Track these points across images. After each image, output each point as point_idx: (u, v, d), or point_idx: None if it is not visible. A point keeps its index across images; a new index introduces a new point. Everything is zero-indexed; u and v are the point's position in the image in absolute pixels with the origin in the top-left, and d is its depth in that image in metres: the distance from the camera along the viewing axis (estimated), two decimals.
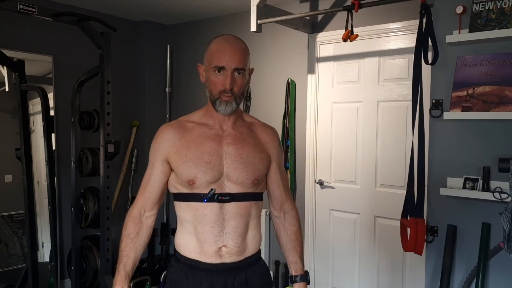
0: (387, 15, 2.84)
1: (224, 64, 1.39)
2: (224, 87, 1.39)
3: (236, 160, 1.44)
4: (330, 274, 3.24)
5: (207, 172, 1.41)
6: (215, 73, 1.40)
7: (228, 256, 1.44)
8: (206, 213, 1.41)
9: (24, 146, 3.10)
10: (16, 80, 3.10)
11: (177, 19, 3.91)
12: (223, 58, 1.39)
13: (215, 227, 1.42)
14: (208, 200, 1.40)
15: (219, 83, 1.40)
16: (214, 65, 1.40)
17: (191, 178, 1.40)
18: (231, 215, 1.43)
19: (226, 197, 1.42)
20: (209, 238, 1.42)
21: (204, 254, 1.43)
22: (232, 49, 1.41)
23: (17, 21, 3.11)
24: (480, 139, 2.19)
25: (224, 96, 1.41)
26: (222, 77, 1.40)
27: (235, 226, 1.43)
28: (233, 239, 1.43)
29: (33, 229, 3.17)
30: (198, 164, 1.41)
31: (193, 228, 1.44)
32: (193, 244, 1.45)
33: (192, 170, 1.41)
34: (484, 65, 2.15)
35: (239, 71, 1.41)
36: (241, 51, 1.43)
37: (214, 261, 1.43)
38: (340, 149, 3.16)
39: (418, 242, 2.15)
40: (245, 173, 1.44)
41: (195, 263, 1.45)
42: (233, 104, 1.42)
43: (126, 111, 3.93)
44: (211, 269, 1.44)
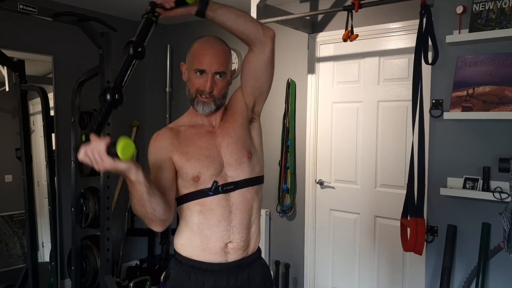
0: (387, 15, 2.84)
1: (205, 67, 1.41)
2: (204, 89, 1.42)
3: (229, 144, 1.47)
4: (330, 274, 3.24)
5: (210, 166, 1.43)
6: (196, 74, 1.43)
7: (233, 253, 1.45)
8: (213, 207, 1.42)
9: (24, 146, 3.10)
10: (16, 80, 3.10)
11: (177, 19, 3.91)
12: (204, 61, 1.41)
13: (222, 221, 1.43)
14: (213, 192, 1.41)
15: (197, 84, 1.43)
16: (195, 68, 1.42)
17: (195, 174, 1.41)
18: (237, 207, 1.44)
19: (230, 186, 1.43)
20: (216, 233, 1.43)
21: (209, 252, 1.44)
22: (213, 52, 1.43)
23: (17, 21, 3.11)
24: (480, 139, 2.19)
25: (201, 98, 1.43)
26: (202, 79, 1.42)
27: (241, 218, 1.45)
28: (240, 232, 1.45)
29: (33, 229, 3.17)
30: (200, 160, 1.43)
31: (199, 226, 1.44)
32: (197, 242, 1.44)
33: (196, 166, 1.42)
34: (484, 65, 2.15)
35: (220, 74, 1.43)
36: (223, 54, 1.44)
37: (219, 260, 1.44)
38: (340, 149, 3.16)
39: (418, 242, 2.15)
40: (239, 150, 1.46)
41: (197, 263, 1.45)
42: (211, 105, 1.44)
43: (126, 111, 3.93)
44: (214, 269, 1.44)
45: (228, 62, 1.46)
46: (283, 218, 3.43)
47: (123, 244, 3.84)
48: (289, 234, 3.40)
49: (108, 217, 2.86)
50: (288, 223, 3.40)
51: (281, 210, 3.37)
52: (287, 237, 3.41)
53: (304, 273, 3.32)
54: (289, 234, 3.40)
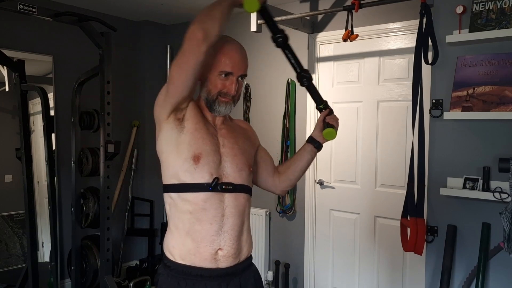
0: (387, 15, 2.84)
1: (232, 70, 1.41)
2: (229, 91, 1.42)
3: (233, 148, 1.47)
4: (330, 274, 3.24)
5: (210, 154, 1.41)
6: (220, 76, 1.42)
7: (224, 260, 1.41)
8: (206, 206, 1.38)
9: (24, 146, 3.10)
10: (16, 80, 3.10)
11: (177, 19, 3.92)
12: (232, 64, 1.41)
13: (214, 224, 1.39)
14: (212, 189, 1.38)
15: (221, 86, 1.42)
16: (221, 70, 1.41)
17: (198, 152, 1.38)
18: (230, 210, 1.42)
19: (229, 187, 1.42)
20: (207, 237, 1.38)
21: (199, 257, 1.39)
22: (240, 56, 1.44)
23: (17, 21, 3.11)
24: (480, 139, 2.19)
25: (222, 98, 1.43)
26: (227, 82, 1.42)
27: (233, 224, 1.42)
28: (231, 239, 1.41)
29: (33, 229, 3.17)
30: (205, 143, 1.41)
31: (189, 227, 1.39)
32: (187, 245, 1.40)
33: (200, 145, 1.40)
34: (484, 65, 2.15)
35: (242, 76, 1.46)
36: (246, 58, 1.47)
37: (209, 265, 1.40)
38: (340, 149, 3.16)
39: (418, 242, 2.15)
40: (244, 159, 1.48)
41: (187, 268, 1.40)
42: (231, 105, 1.46)
43: (126, 111, 3.93)
44: (204, 275, 1.40)
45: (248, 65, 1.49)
46: (283, 218, 3.43)
47: (123, 244, 3.84)
48: (289, 234, 3.40)
49: (108, 217, 2.86)
50: (288, 223, 3.41)
51: (281, 210, 3.37)
52: (287, 237, 3.41)
53: (304, 273, 3.32)
54: (289, 234, 3.40)
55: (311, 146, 1.63)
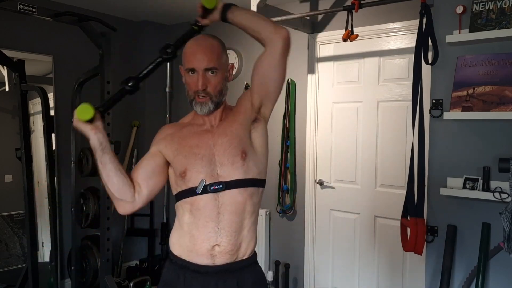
0: (387, 15, 2.84)
1: (194, 65, 1.42)
2: (197, 88, 1.42)
3: (223, 143, 1.45)
4: (330, 274, 3.24)
5: (197, 163, 1.43)
6: (189, 74, 1.44)
7: (220, 256, 1.42)
8: (200, 206, 1.42)
9: (24, 146, 3.10)
10: (16, 80, 3.10)
11: (177, 19, 3.92)
12: (193, 59, 1.42)
13: (209, 221, 1.41)
14: (202, 191, 1.41)
15: (192, 84, 1.43)
16: (186, 67, 1.44)
17: (182, 170, 1.43)
18: (225, 208, 1.42)
19: (219, 186, 1.42)
20: (203, 234, 1.42)
21: (196, 253, 1.43)
22: (201, 50, 1.42)
23: (17, 21, 3.11)
24: (480, 139, 2.19)
25: (198, 98, 1.43)
26: (195, 78, 1.42)
27: (230, 220, 1.42)
28: (227, 235, 1.42)
29: (33, 229, 3.16)
30: (187, 156, 1.45)
31: (188, 225, 1.44)
32: (186, 241, 1.45)
33: (183, 162, 1.44)
34: (484, 65, 2.15)
35: (212, 70, 1.42)
36: (210, 49, 1.43)
37: (205, 262, 1.42)
38: (340, 149, 3.16)
39: (418, 242, 2.15)
40: (232, 149, 1.44)
41: (186, 263, 1.45)
42: (208, 104, 1.43)
43: (126, 111, 3.93)
44: (201, 271, 1.43)
45: (218, 57, 1.44)
46: (283, 218, 3.43)
47: (123, 244, 3.84)
48: (289, 234, 3.40)
49: (108, 217, 2.86)
50: (288, 223, 3.40)
51: (281, 210, 3.37)
52: (287, 237, 3.41)
53: (304, 273, 3.32)
54: (289, 234, 3.40)
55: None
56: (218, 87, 1.44)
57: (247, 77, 3.43)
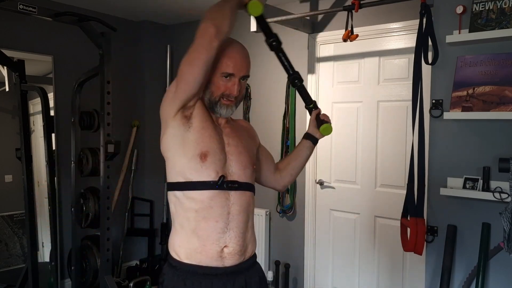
0: (387, 15, 2.84)
1: (234, 71, 1.42)
2: (231, 93, 1.42)
3: (238, 146, 1.49)
4: (330, 274, 3.24)
5: (216, 152, 1.41)
6: (222, 78, 1.42)
7: (230, 258, 1.42)
8: (212, 204, 1.38)
9: (24, 146, 3.10)
10: (16, 80, 3.10)
11: (177, 19, 3.91)
12: (234, 65, 1.41)
13: (219, 221, 1.39)
14: (219, 187, 1.38)
15: (223, 87, 1.43)
16: (223, 71, 1.41)
17: (204, 150, 1.38)
18: (235, 208, 1.42)
19: (235, 185, 1.42)
20: (212, 235, 1.39)
21: (205, 255, 1.39)
22: (241, 57, 1.44)
23: (17, 21, 3.11)
24: (480, 139, 2.19)
25: (225, 100, 1.44)
26: (229, 83, 1.42)
27: (238, 221, 1.43)
28: (236, 236, 1.42)
29: (33, 229, 3.16)
30: (211, 141, 1.42)
31: (195, 225, 1.39)
32: (193, 244, 1.40)
33: (207, 143, 1.40)
34: (484, 65, 2.15)
35: (245, 77, 1.46)
36: (248, 59, 1.47)
37: (215, 264, 1.40)
38: (340, 149, 3.16)
39: (418, 242, 2.15)
40: (248, 158, 1.50)
41: (193, 267, 1.40)
42: (233, 108, 1.47)
43: (126, 111, 3.93)
44: (210, 273, 1.40)
45: (250, 66, 1.49)
46: (283, 218, 3.43)
47: (123, 244, 3.84)
48: (289, 234, 3.40)
49: (108, 217, 2.86)
50: (288, 223, 3.40)
51: (281, 210, 3.37)
52: (287, 237, 3.41)
53: (304, 273, 3.32)
54: (289, 234, 3.40)
55: (309, 142, 1.74)
56: (242, 93, 1.49)
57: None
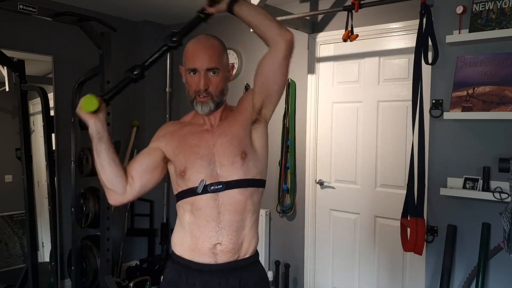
0: (387, 15, 2.84)
1: (196, 65, 1.42)
2: (199, 87, 1.42)
3: (223, 143, 1.46)
4: (330, 274, 3.24)
5: (196, 162, 1.44)
6: (190, 74, 1.44)
7: (222, 255, 1.43)
8: (200, 206, 1.43)
9: (24, 146, 3.10)
10: (16, 80, 3.10)
11: (177, 19, 3.92)
12: (195, 59, 1.42)
13: (210, 221, 1.42)
14: (202, 191, 1.42)
15: (194, 84, 1.44)
16: (187, 67, 1.44)
17: (182, 169, 1.45)
18: (226, 208, 1.43)
19: (219, 186, 1.42)
20: (204, 233, 1.42)
21: (198, 252, 1.44)
22: (203, 50, 1.43)
23: (17, 21, 3.10)
24: (480, 139, 2.19)
25: (199, 97, 1.44)
26: (196, 78, 1.43)
27: (230, 220, 1.43)
28: (228, 234, 1.43)
29: (33, 229, 3.16)
30: (187, 156, 1.46)
31: (189, 225, 1.45)
32: (187, 241, 1.46)
33: (182, 161, 1.46)
34: (484, 65, 2.15)
35: (213, 70, 1.43)
36: (213, 50, 1.44)
37: (208, 260, 1.43)
38: (340, 149, 3.16)
39: (418, 242, 2.15)
40: (232, 149, 1.45)
41: (188, 263, 1.46)
42: (210, 104, 1.44)
43: (126, 111, 3.93)
44: (204, 270, 1.44)
45: (220, 57, 1.44)
46: (283, 218, 3.43)
47: (123, 244, 3.84)
48: (289, 234, 3.40)
49: (108, 217, 2.86)
50: (288, 223, 3.40)
51: (281, 210, 3.37)
52: (287, 237, 3.41)
53: (304, 273, 3.32)
54: (289, 234, 3.40)
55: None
56: (219, 87, 1.44)
57: (247, 77, 3.43)
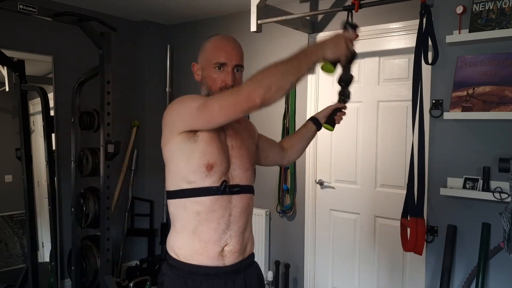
0: (387, 15, 2.84)
1: (226, 60, 1.41)
2: (226, 83, 1.40)
3: (241, 148, 1.47)
4: (330, 274, 3.24)
5: (224, 161, 1.40)
6: (215, 69, 1.42)
7: (230, 256, 1.43)
8: (215, 208, 1.39)
9: (24, 146, 3.10)
10: (16, 80, 3.10)
11: (177, 19, 3.91)
12: (225, 54, 1.41)
13: (221, 223, 1.40)
14: (222, 192, 1.39)
15: (219, 80, 1.42)
16: (215, 62, 1.41)
17: (212, 161, 1.36)
18: (237, 210, 1.43)
19: (236, 188, 1.43)
20: (214, 236, 1.39)
21: (206, 256, 1.40)
22: (232, 46, 1.44)
23: (17, 21, 3.11)
24: (480, 139, 2.19)
25: None
26: (223, 74, 1.41)
27: (239, 221, 1.44)
28: (237, 236, 1.43)
29: (33, 229, 3.16)
30: (219, 151, 1.39)
31: (196, 227, 1.39)
32: (195, 245, 1.40)
33: (215, 153, 1.37)
34: (484, 65, 2.15)
35: (239, 67, 1.44)
36: (240, 48, 1.47)
37: (216, 263, 1.41)
38: (340, 149, 3.16)
39: (418, 242, 2.15)
40: (249, 159, 1.50)
41: (194, 268, 1.40)
42: None
43: (126, 111, 3.93)
44: (211, 273, 1.41)
45: (243, 57, 1.47)
46: (283, 218, 3.43)
47: (123, 244, 3.84)
48: (289, 234, 3.40)
49: (108, 217, 2.86)
50: (288, 223, 3.40)
51: (281, 210, 3.37)
52: (287, 237, 3.41)
53: (304, 273, 3.32)
54: (289, 234, 3.40)
55: (315, 127, 1.81)
56: (239, 84, 1.43)
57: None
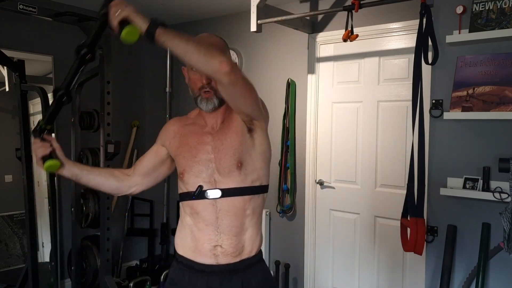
0: (387, 15, 2.84)
1: None
2: (201, 83, 1.41)
3: (221, 150, 1.43)
4: (330, 274, 3.24)
5: (194, 166, 1.44)
6: (193, 71, 1.43)
7: (223, 257, 1.43)
8: (199, 210, 1.43)
9: (24, 146, 3.10)
10: (16, 80, 3.10)
11: (177, 19, 3.91)
12: None
13: (209, 225, 1.43)
14: (197, 197, 1.41)
15: (197, 80, 1.42)
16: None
17: (181, 170, 1.48)
18: (224, 213, 1.42)
19: (216, 193, 1.42)
20: (204, 236, 1.43)
21: (198, 253, 1.44)
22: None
23: (17, 21, 3.11)
24: (480, 139, 2.19)
25: (203, 93, 1.42)
26: (198, 74, 1.41)
27: (229, 225, 1.42)
28: (228, 239, 1.42)
29: (33, 229, 3.16)
30: (186, 158, 1.47)
31: (190, 226, 1.47)
32: (188, 242, 1.47)
33: (182, 163, 1.48)
34: (484, 65, 2.15)
35: None
36: (214, 47, 1.38)
37: (209, 261, 1.43)
38: (340, 149, 3.16)
39: (418, 242, 2.15)
40: (229, 158, 1.41)
41: (191, 263, 1.47)
42: (213, 99, 1.41)
43: (126, 111, 3.93)
44: (205, 270, 1.44)
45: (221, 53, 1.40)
46: (283, 218, 3.43)
47: (123, 244, 3.84)
48: (289, 234, 3.40)
49: (108, 217, 2.86)
50: (288, 223, 3.40)
51: (281, 210, 3.37)
52: (287, 237, 3.41)
53: (304, 273, 3.32)
54: (289, 234, 3.40)
55: None
56: None
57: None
